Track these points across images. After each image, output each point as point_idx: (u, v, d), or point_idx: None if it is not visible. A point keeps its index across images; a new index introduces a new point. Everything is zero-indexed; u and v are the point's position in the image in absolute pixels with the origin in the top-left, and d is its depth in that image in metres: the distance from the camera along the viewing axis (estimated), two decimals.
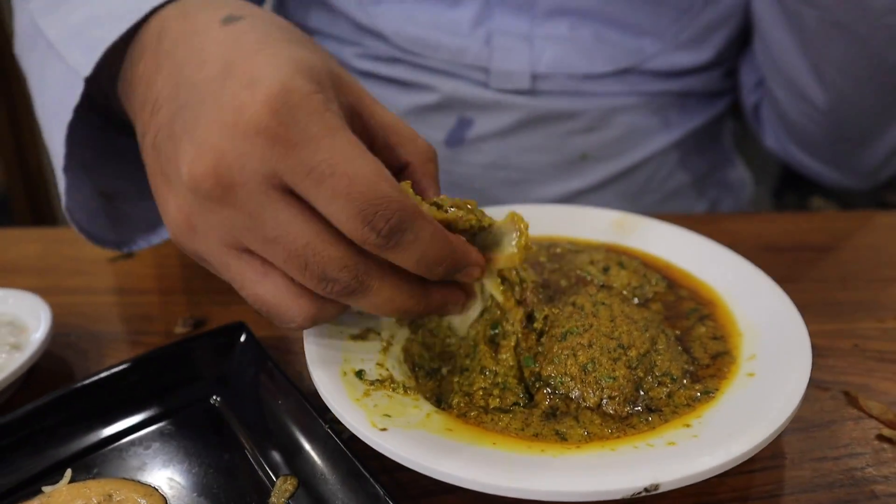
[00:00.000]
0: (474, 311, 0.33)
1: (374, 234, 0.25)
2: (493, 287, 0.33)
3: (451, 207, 0.30)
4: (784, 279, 0.44)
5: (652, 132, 0.62)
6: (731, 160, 0.74)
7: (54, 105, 0.38)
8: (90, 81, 0.35)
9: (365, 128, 0.30)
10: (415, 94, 0.58)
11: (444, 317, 0.34)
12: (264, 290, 0.28)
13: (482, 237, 0.32)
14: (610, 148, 0.60)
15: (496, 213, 0.35)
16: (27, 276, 0.49)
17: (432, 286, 0.31)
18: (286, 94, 0.24)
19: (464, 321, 0.34)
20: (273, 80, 0.25)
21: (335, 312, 0.29)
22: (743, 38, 0.65)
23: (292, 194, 0.25)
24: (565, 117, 0.58)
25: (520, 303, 0.33)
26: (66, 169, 0.37)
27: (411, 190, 0.30)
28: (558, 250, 0.41)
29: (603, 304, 0.33)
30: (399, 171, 0.33)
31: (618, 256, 0.39)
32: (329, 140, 0.24)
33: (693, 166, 0.68)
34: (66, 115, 0.36)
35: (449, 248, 0.28)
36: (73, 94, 0.36)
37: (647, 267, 0.39)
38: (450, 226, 0.30)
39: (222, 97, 0.25)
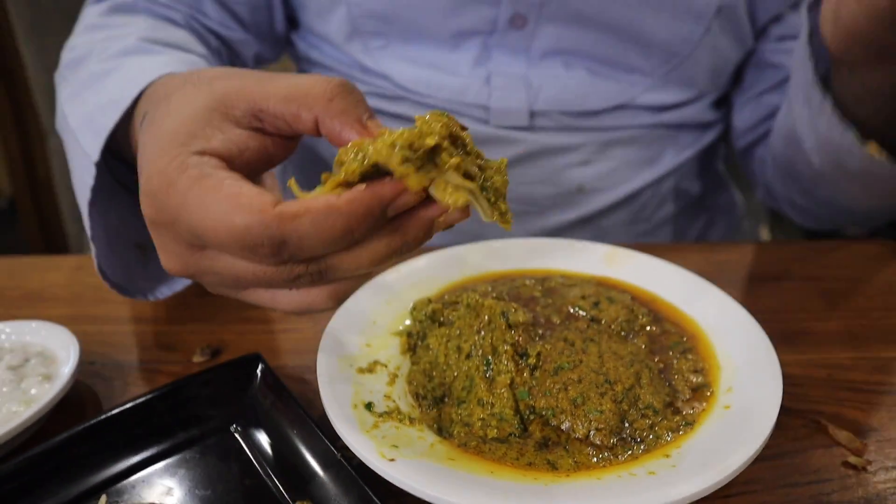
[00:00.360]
0: (477, 204, 0.30)
1: (267, 257, 0.27)
2: (452, 180, 0.28)
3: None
4: (766, 309, 0.47)
5: (645, 163, 0.65)
6: (723, 184, 0.77)
7: (79, 183, 0.44)
8: (114, 136, 0.41)
9: (269, 118, 0.30)
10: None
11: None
12: (279, 304, 0.31)
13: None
14: (605, 180, 0.63)
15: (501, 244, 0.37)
16: (53, 305, 0.52)
17: (401, 219, 0.29)
18: (149, 184, 0.29)
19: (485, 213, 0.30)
20: (145, 175, 0.29)
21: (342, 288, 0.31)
22: (735, 73, 0.68)
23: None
24: (562, 151, 0.61)
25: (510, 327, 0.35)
26: (94, 238, 0.43)
27: (295, 186, 0.29)
28: (552, 284, 0.43)
29: (592, 340, 0.36)
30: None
31: (607, 291, 0.42)
32: (185, 209, 0.27)
33: (686, 193, 0.71)
34: (86, 195, 0.43)
35: (346, 216, 0.27)
36: (89, 175, 0.42)
37: (636, 300, 0.42)
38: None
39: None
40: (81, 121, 0.45)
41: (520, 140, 0.60)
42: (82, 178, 0.43)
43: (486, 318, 0.36)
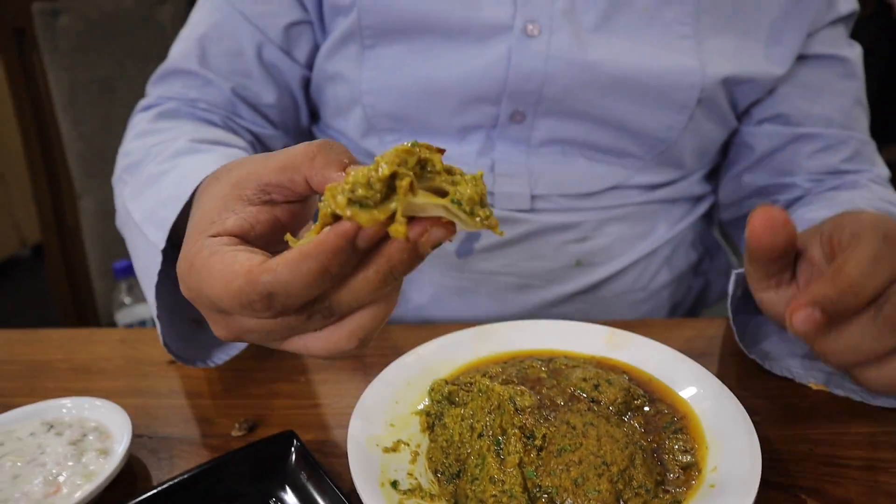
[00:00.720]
0: (454, 218, 0.30)
1: (264, 311, 0.31)
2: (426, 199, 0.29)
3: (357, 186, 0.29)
4: (751, 385, 0.51)
5: (641, 237, 0.70)
6: (718, 249, 0.82)
7: (144, 269, 0.50)
8: (174, 227, 0.47)
9: (274, 190, 0.34)
10: None
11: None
12: (312, 350, 0.34)
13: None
14: (602, 254, 0.69)
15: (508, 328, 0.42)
16: (100, 378, 0.57)
17: (384, 246, 0.31)
18: (180, 268, 0.35)
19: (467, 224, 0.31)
20: (178, 261, 0.35)
21: (363, 321, 0.33)
22: (722, 149, 0.73)
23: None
24: (561, 229, 0.67)
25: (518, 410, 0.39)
26: (159, 316, 0.48)
27: (290, 238, 0.32)
28: (557, 365, 0.48)
29: (591, 424, 0.40)
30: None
31: (606, 373, 0.46)
32: (201, 283, 0.32)
33: (681, 262, 0.75)
34: (153, 279, 0.48)
35: (316, 257, 0.29)
36: (156, 262, 0.48)
37: (632, 381, 0.46)
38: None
39: None
40: (145, 215, 0.51)
41: (522, 220, 0.66)
42: (148, 265, 0.49)
43: (496, 402, 0.41)
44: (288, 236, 0.32)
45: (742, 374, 0.53)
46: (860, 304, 0.35)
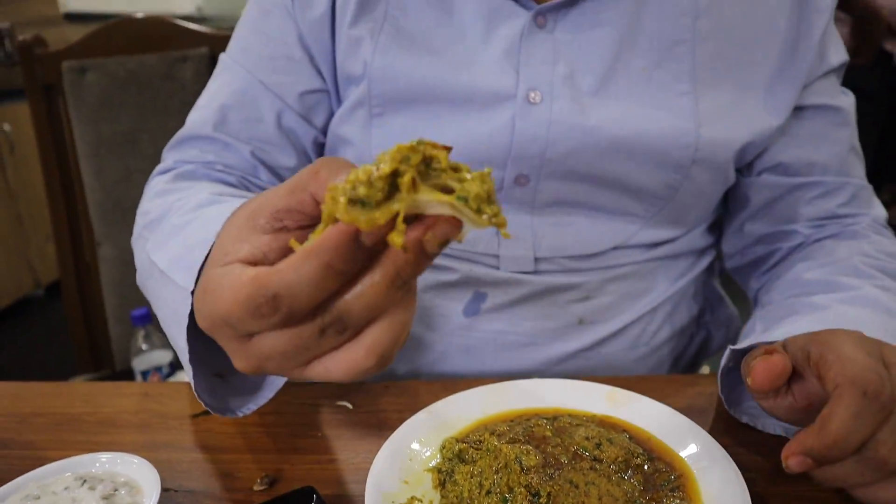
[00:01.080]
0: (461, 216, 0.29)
1: (272, 316, 0.30)
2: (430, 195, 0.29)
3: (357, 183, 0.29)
4: (747, 441, 0.54)
5: (642, 294, 0.72)
6: (720, 301, 0.84)
7: (172, 316, 0.51)
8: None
9: (285, 215, 0.34)
10: (438, 273, 0.71)
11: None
12: (332, 373, 0.33)
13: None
14: (604, 313, 0.71)
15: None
16: (126, 432, 0.60)
17: (388, 248, 0.30)
18: (196, 300, 0.36)
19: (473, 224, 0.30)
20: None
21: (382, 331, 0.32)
22: (723, 202, 0.76)
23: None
24: (564, 290, 0.70)
25: None
26: (191, 361, 0.49)
27: (294, 242, 0.32)
28: (561, 423, 0.51)
29: (593, 483, 0.43)
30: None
31: (608, 432, 0.49)
32: (214, 306, 0.33)
33: (682, 316, 0.78)
34: (184, 322, 0.48)
35: (319, 254, 0.29)
36: (186, 305, 0.48)
37: (633, 439, 0.49)
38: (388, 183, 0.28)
39: None
40: (172, 262, 0.51)
41: (526, 282, 0.69)
42: (176, 311, 0.49)
43: (504, 462, 0.44)
44: (292, 241, 0.32)
45: (738, 430, 0.55)
46: (846, 455, 0.39)
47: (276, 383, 0.53)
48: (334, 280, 0.30)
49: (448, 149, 0.29)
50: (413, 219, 0.29)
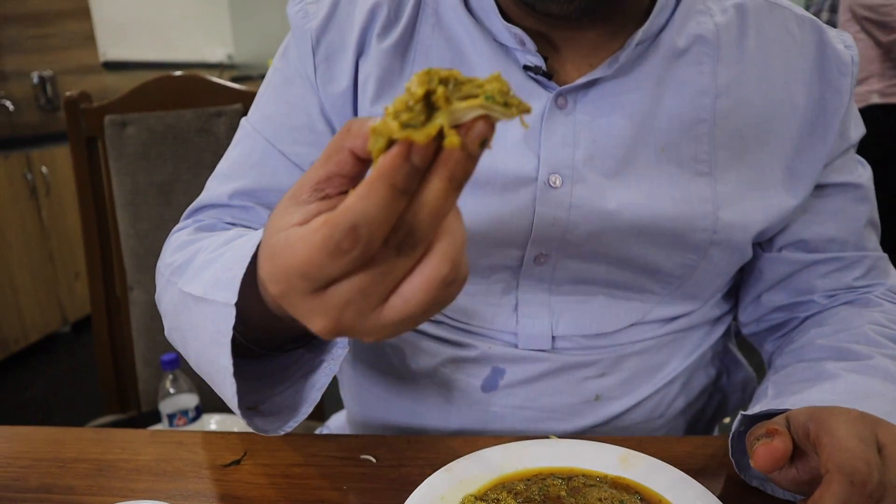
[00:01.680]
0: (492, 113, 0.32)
1: (353, 251, 0.31)
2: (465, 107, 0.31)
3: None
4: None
5: (658, 369, 0.73)
6: (736, 364, 0.84)
7: (213, 337, 0.50)
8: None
9: (326, 185, 0.36)
10: (457, 349, 0.72)
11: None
12: (410, 304, 0.34)
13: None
14: (621, 388, 0.72)
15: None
16: (161, 479, 0.63)
17: (437, 159, 0.32)
18: (261, 273, 0.37)
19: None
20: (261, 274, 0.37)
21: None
22: (739, 271, 0.76)
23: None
24: (581, 366, 0.70)
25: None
26: (235, 375, 0.49)
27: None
28: (576, 484, 0.53)
29: None
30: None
31: (620, 494, 0.51)
32: (285, 262, 0.33)
33: (699, 383, 0.78)
34: (227, 338, 0.49)
35: (381, 178, 0.31)
36: (229, 320, 0.48)
37: (644, 501, 0.51)
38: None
39: None
40: (209, 286, 0.51)
41: (543, 359, 0.70)
42: (218, 330, 0.49)
43: None
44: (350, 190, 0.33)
45: (749, 494, 0.57)
46: None
47: (311, 398, 0.55)
48: (400, 200, 0.31)
49: (451, 70, 0.32)
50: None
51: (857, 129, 0.71)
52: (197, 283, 0.54)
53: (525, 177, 0.65)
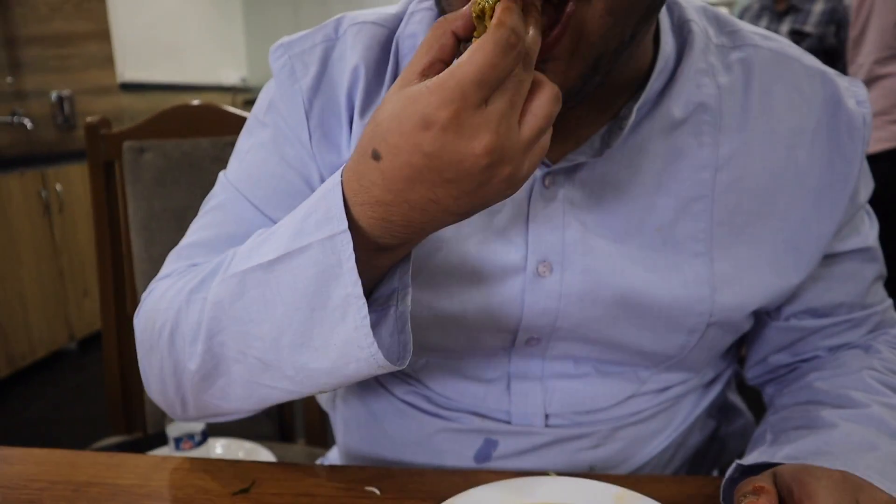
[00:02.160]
0: None
1: (519, 45, 0.39)
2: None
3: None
4: None
5: (654, 435, 0.72)
6: (735, 412, 0.83)
7: (315, 280, 0.47)
8: None
9: (430, 72, 0.43)
10: (448, 422, 0.72)
11: None
12: (543, 105, 0.42)
13: None
14: (615, 458, 0.71)
15: None
16: None
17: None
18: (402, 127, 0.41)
19: None
20: (394, 135, 0.42)
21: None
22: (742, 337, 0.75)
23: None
24: (575, 439, 0.69)
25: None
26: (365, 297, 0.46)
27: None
28: None
29: None
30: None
31: None
32: (455, 77, 0.40)
33: (696, 440, 0.77)
34: (349, 262, 0.45)
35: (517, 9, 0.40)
36: (346, 247, 0.45)
37: None
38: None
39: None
40: (290, 240, 0.48)
41: (537, 433, 0.69)
42: (327, 264, 0.46)
43: None
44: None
45: None
46: None
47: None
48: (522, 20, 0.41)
49: None
50: None
51: (867, 188, 0.67)
52: (265, 250, 0.50)
53: (513, 266, 0.62)
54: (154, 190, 1.43)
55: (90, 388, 2.93)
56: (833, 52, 3.16)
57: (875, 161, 2.29)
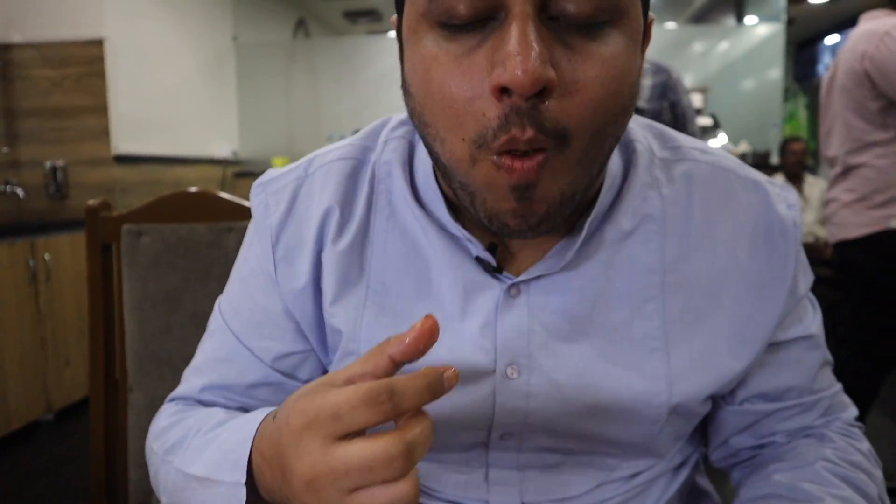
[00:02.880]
0: None
1: (386, 405, 0.42)
2: None
3: None
4: None
5: None
6: (704, 495, 0.86)
7: None
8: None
9: (357, 380, 0.47)
10: None
11: None
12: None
13: None
14: None
15: None
16: None
17: None
18: (289, 421, 0.47)
19: None
20: (283, 416, 0.48)
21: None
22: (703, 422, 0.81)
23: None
24: None
25: None
26: None
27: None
28: None
29: None
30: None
31: None
32: (317, 401, 0.45)
33: None
34: None
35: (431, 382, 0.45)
36: (238, 498, 0.55)
37: None
38: None
39: None
40: (212, 467, 0.58)
41: None
42: None
43: None
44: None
45: None
46: None
47: None
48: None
49: None
50: None
51: (807, 281, 0.74)
52: (199, 465, 0.59)
53: (483, 369, 0.66)
54: (149, 272, 1.49)
55: (67, 462, 2.88)
56: (672, 124, 3.09)
57: (856, 245, 2.43)
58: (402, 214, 0.68)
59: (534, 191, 0.53)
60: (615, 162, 0.67)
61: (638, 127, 0.72)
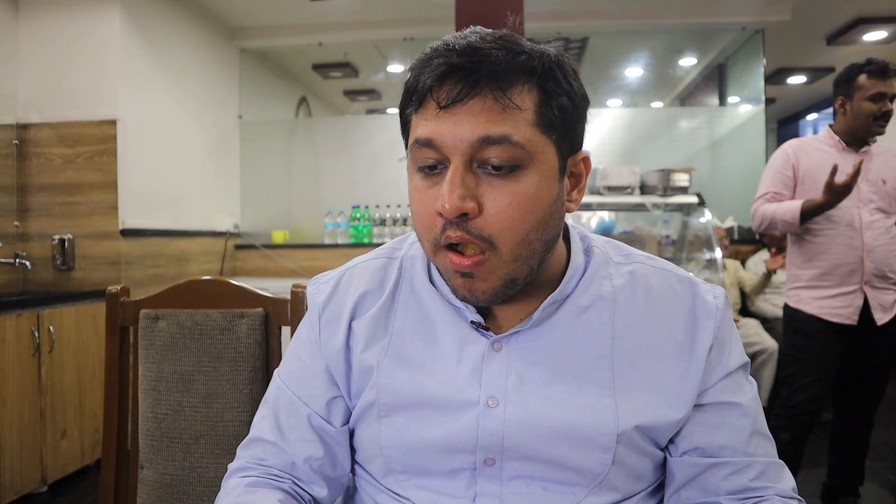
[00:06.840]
0: None
1: None
2: None
3: None
4: None
5: None
6: None
7: None
8: None
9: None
10: None
11: None
12: None
13: None
14: None
15: None
16: None
17: None
18: None
19: None
20: None
21: None
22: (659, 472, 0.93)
23: None
24: None
25: None
26: None
27: None
28: None
29: None
30: None
31: None
32: None
33: None
34: None
35: None
36: None
37: None
38: None
39: None
40: None
41: None
42: None
43: None
44: None
45: None
46: None
47: None
48: None
49: None
50: None
51: (738, 357, 0.90)
52: None
53: (470, 401, 0.87)
54: (164, 354, 1.59)
55: None
56: None
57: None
58: (419, 293, 0.94)
59: (473, 278, 0.80)
60: (579, 258, 0.92)
61: (600, 240, 0.97)
